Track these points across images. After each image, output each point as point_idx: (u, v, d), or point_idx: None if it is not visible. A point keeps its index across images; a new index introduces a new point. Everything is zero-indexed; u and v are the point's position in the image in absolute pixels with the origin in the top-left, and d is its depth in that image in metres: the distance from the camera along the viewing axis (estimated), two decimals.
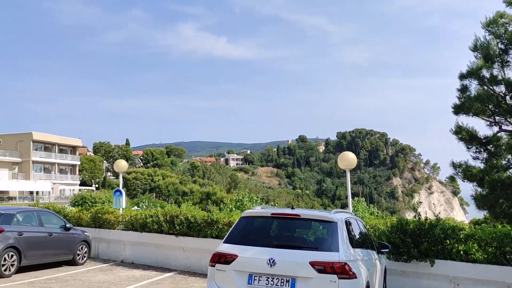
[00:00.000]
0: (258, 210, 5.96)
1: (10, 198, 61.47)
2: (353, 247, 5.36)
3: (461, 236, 7.75)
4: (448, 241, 7.71)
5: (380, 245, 6.78)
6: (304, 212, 5.62)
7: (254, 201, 22.54)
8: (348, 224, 5.68)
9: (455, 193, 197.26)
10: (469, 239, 7.67)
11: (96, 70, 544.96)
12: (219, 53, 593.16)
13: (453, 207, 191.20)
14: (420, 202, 9.23)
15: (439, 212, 8.70)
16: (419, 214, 8.23)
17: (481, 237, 7.40)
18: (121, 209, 12.82)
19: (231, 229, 5.66)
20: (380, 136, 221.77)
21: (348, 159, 9.45)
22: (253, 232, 5.59)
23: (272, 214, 5.57)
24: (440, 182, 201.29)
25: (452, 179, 15.05)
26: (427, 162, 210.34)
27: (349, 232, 5.52)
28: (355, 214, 28.93)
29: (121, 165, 13.00)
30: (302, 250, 5.07)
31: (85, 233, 11.90)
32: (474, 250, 7.62)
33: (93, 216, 13.06)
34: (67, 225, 11.22)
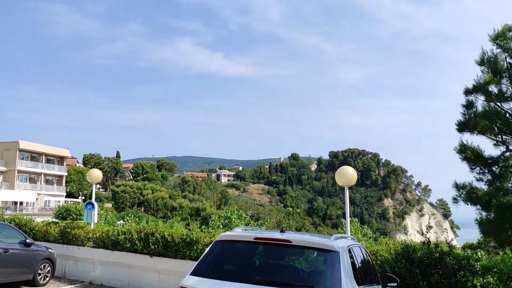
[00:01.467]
0: (238, 232, 4.73)
1: None
2: (358, 284, 4.19)
3: (477, 268, 6.61)
4: (462, 273, 6.58)
5: (386, 278, 5.54)
6: (297, 238, 4.43)
7: (243, 218, 21.33)
8: (351, 253, 4.51)
9: (446, 216, 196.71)
10: (488, 272, 6.53)
11: (91, 81, 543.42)
12: (215, 69, 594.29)
13: (443, 229, 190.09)
14: (431, 227, 7.93)
15: (426, 233, 7.58)
16: (429, 240, 7.11)
17: (503, 270, 6.28)
18: (92, 224, 11.55)
19: (202, 256, 4.44)
20: (372, 157, 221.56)
21: (347, 175, 8.33)
22: (231, 262, 4.40)
23: (256, 238, 4.38)
24: (431, 205, 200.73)
25: (455, 201, 13.98)
26: (418, 184, 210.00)
27: (353, 264, 4.34)
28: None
29: (95, 175, 11.76)
30: None
31: (49, 250, 10.61)
32: (493, 285, 6.47)
33: (61, 231, 11.77)
34: (28, 241, 9.94)
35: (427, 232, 7.43)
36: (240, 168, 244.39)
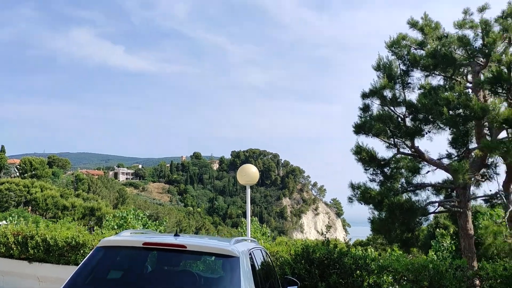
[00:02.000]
0: (124, 237, 4.11)
1: None
2: None
3: (373, 267, 6.67)
4: (358, 273, 6.59)
5: (286, 281, 5.28)
6: (193, 242, 3.98)
7: (140, 218, 20.31)
8: (252, 257, 4.16)
9: (338, 214, 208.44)
10: (383, 271, 6.60)
11: None
12: (116, 63, 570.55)
13: (336, 228, 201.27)
14: (330, 227, 8.04)
15: (326, 232, 7.62)
16: (328, 240, 7.04)
17: (397, 269, 6.37)
18: None
19: (80, 265, 3.78)
20: (273, 157, 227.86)
21: (249, 173, 8.06)
22: (115, 272, 3.82)
23: (145, 244, 3.85)
24: (326, 204, 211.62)
25: (350, 200, 14.46)
26: (315, 184, 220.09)
27: (253, 268, 3.99)
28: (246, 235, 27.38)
29: None
30: None
31: None
32: (387, 283, 6.56)
33: None
34: None
35: (327, 232, 7.40)
36: (140, 166, 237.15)
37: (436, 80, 14.16)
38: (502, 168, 17.02)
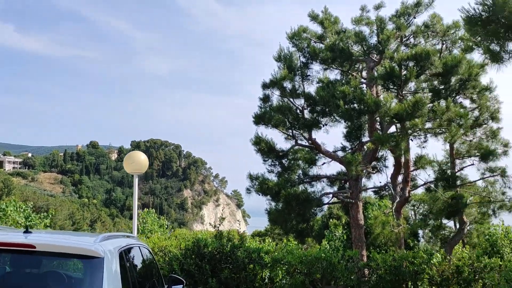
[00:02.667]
0: None
1: None
2: None
3: (267, 260, 6.40)
4: (251, 266, 6.28)
5: (171, 280, 4.72)
6: (45, 241, 3.29)
7: (23, 210, 18.46)
8: (125, 256, 3.56)
9: (239, 205, 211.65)
10: (277, 264, 6.35)
11: None
12: (4, 43, 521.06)
13: (236, 219, 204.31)
14: (223, 218, 7.61)
15: (218, 225, 7.30)
16: (221, 233, 6.65)
17: (290, 262, 6.16)
18: None
19: None
20: (175, 148, 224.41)
21: (137, 161, 7.37)
22: None
23: None
24: (227, 195, 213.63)
25: (248, 191, 14.29)
26: (216, 176, 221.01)
27: (125, 269, 3.41)
28: (143, 227, 26.41)
29: None
30: None
31: None
32: (280, 276, 6.32)
33: None
34: None
35: (220, 224, 6.99)
36: (30, 154, 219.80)
37: (334, 74, 14.48)
38: (390, 162, 18.02)
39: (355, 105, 11.96)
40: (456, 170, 16.17)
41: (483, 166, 16.15)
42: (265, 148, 13.78)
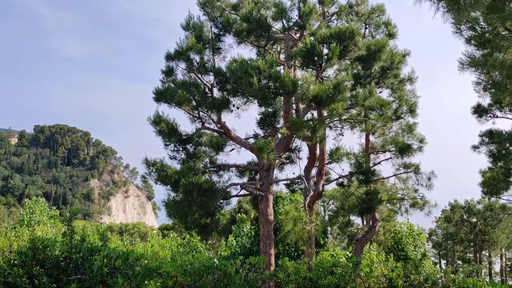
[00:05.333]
0: None
1: None
2: None
3: (137, 270, 4.57)
4: (112, 280, 4.43)
5: None
6: None
7: None
8: None
9: (149, 197, 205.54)
10: (151, 275, 4.55)
11: None
12: None
13: (146, 211, 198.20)
14: (77, 209, 5.66)
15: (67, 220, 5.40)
16: (71, 231, 4.69)
17: (169, 272, 4.40)
18: None
19: None
20: (83, 135, 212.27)
21: None
22: None
23: None
24: (137, 187, 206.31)
25: (144, 179, 12.29)
26: (126, 166, 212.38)
27: None
28: (29, 218, 22.99)
29: None
30: None
31: None
32: None
33: None
34: None
35: (73, 217, 5.02)
36: None
37: (249, 51, 12.94)
38: (304, 154, 16.94)
39: (271, 84, 10.45)
40: (371, 165, 15.42)
41: (398, 162, 15.56)
42: (165, 130, 11.87)
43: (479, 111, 14.14)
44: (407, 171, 15.22)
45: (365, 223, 28.37)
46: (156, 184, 12.42)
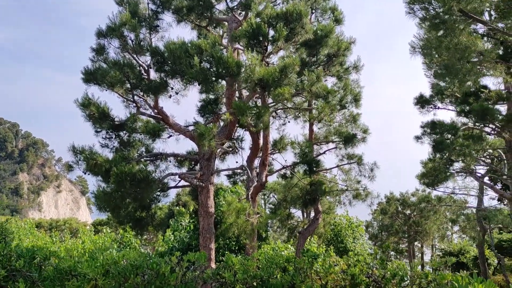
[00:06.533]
0: None
1: None
2: None
3: (48, 273, 3.67)
4: (11, 284, 3.51)
5: None
6: None
7: None
8: None
9: (83, 192, 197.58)
10: (64, 278, 3.67)
11: None
12: None
13: (79, 206, 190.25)
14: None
15: None
16: None
17: (86, 274, 3.54)
18: None
19: None
20: (11, 126, 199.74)
21: None
22: None
23: None
24: (70, 181, 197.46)
25: (71, 168, 11.11)
26: (59, 160, 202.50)
27: None
28: None
29: None
30: None
31: None
32: None
33: None
34: None
35: None
36: None
37: (189, 30, 12.07)
38: (247, 143, 16.31)
39: (213, 65, 9.66)
40: (314, 156, 15.04)
41: (341, 152, 15.31)
42: (96, 114, 10.75)
43: (422, 101, 14.16)
44: (350, 162, 15.00)
45: (305, 215, 28.31)
46: (85, 174, 11.28)
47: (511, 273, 23.21)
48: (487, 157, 14.39)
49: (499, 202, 25.94)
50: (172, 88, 10.82)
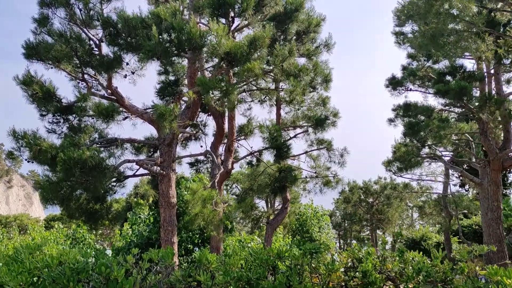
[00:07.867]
0: None
1: None
2: None
3: None
4: None
5: None
6: None
7: None
8: None
9: (36, 187, 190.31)
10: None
11: None
12: None
13: (32, 202, 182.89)
14: None
15: None
16: None
17: (4, 285, 2.49)
18: None
19: None
20: None
21: None
22: None
23: None
24: (22, 176, 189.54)
25: (11, 156, 9.78)
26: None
27: None
28: None
29: None
30: None
31: None
32: None
33: None
34: None
35: None
36: None
37: (145, 1, 10.89)
38: (211, 129, 15.28)
39: (173, 36, 8.59)
40: (282, 141, 14.22)
41: (310, 138, 14.58)
42: (40, 94, 9.44)
43: (394, 83, 13.61)
44: (320, 147, 14.28)
45: (269, 205, 27.61)
46: (29, 162, 9.98)
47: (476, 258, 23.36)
48: (457, 141, 14.04)
49: (461, 188, 26.15)
50: (127, 64, 9.66)
